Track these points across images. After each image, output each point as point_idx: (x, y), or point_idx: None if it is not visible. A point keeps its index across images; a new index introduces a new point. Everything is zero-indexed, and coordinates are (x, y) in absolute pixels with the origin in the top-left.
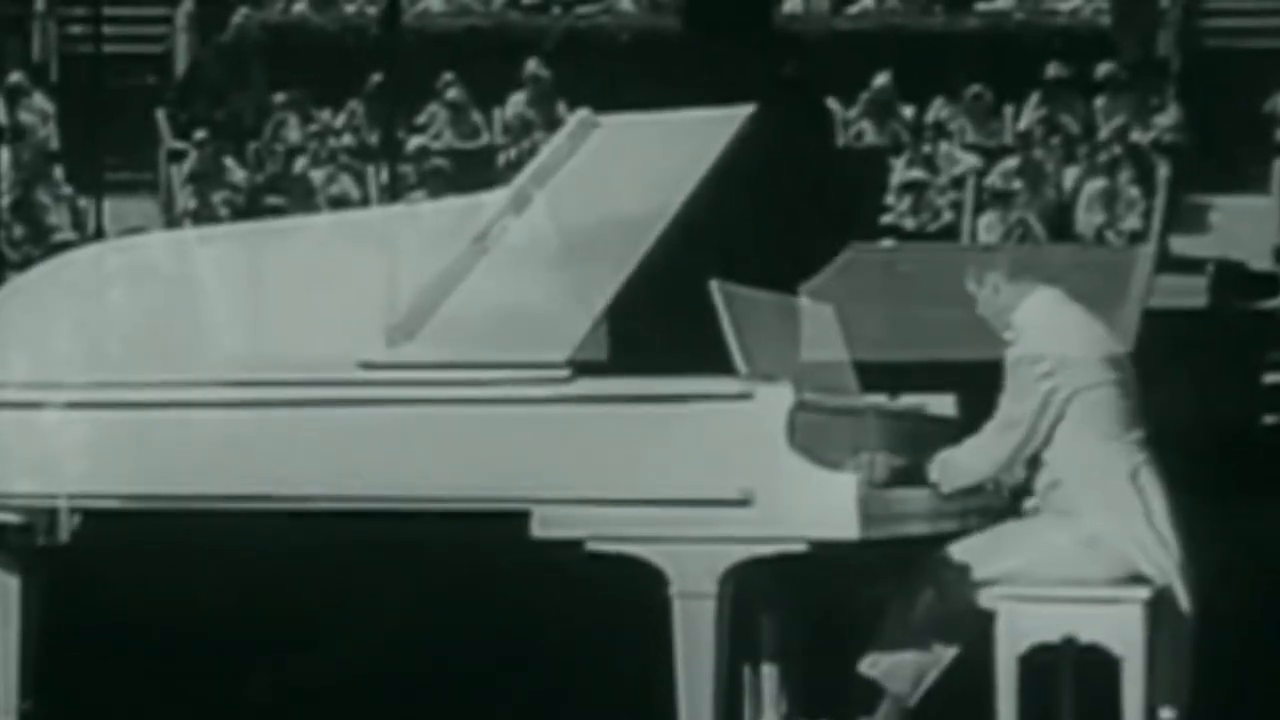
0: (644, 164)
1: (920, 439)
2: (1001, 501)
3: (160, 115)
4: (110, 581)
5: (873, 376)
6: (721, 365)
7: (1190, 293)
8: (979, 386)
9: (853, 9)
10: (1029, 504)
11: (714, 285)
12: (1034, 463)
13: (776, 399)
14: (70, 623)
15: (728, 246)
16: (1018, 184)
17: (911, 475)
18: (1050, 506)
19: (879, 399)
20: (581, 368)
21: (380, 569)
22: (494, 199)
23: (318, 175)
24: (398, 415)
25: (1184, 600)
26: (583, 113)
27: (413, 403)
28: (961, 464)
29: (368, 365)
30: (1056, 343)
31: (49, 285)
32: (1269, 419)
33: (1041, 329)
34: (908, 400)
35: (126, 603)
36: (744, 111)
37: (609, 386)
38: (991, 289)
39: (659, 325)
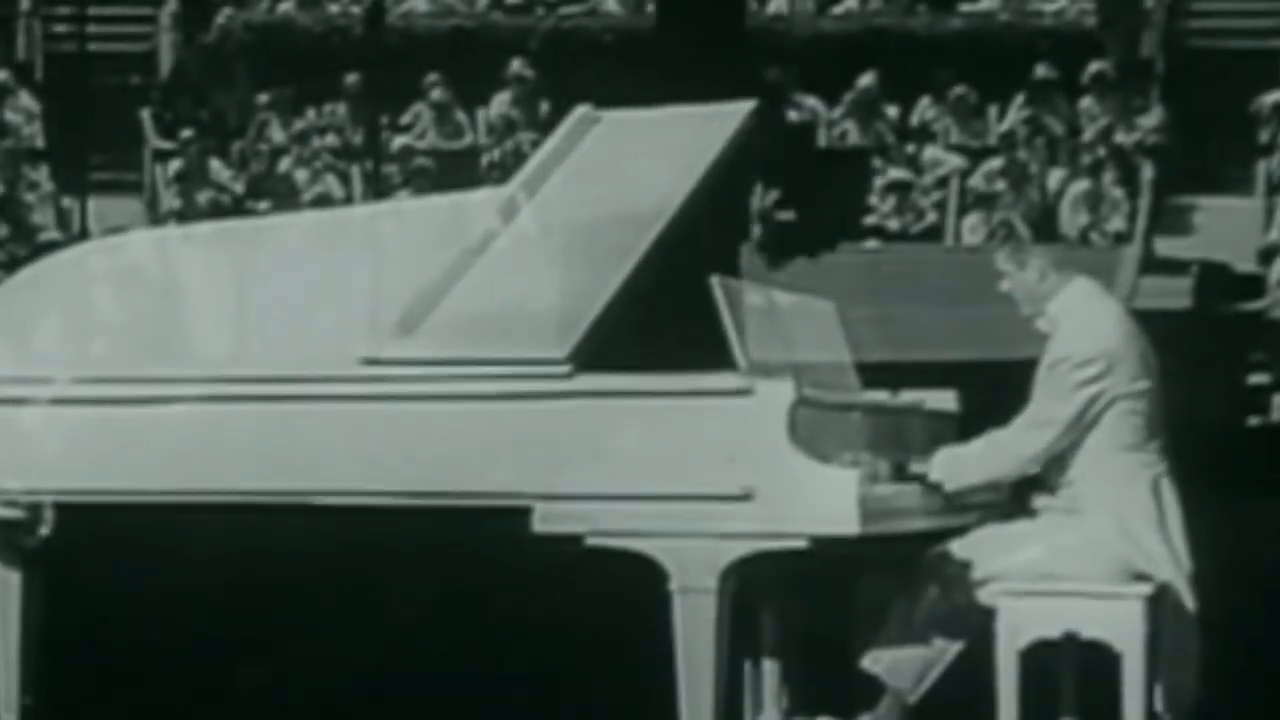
0: (645, 160)
1: (921, 435)
2: (1003, 498)
3: (145, 115)
4: (105, 578)
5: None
6: (722, 361)
7: (1175, 294)
8: (966, 386)
9: (837, 10)
10: (1039, 501)
11: (714, 281)
12: (1053, 458)
13: (777, 395)
14: (62, 619)
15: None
16: (1001, 185)
17: (913, 472)
18: (1061, 503)
19: (879, 395)
20: (582, 364)
21: (379, 566)
22: (483, 196)
23: (301, 175)
24: (398, 412)
25: (1189, 607)
26: (584, 108)
27: (413, 399)
28: (978, 461)
29: (369, 362)
30: (1097, 340)
31: (37, 286)
32: (1253, 420)
33: (1081, 324)
34: (908, 396)
35: (122, 599)
36: (746, 107)
37: (610, 383)
38: (1037, 273)
39: (660, 321)
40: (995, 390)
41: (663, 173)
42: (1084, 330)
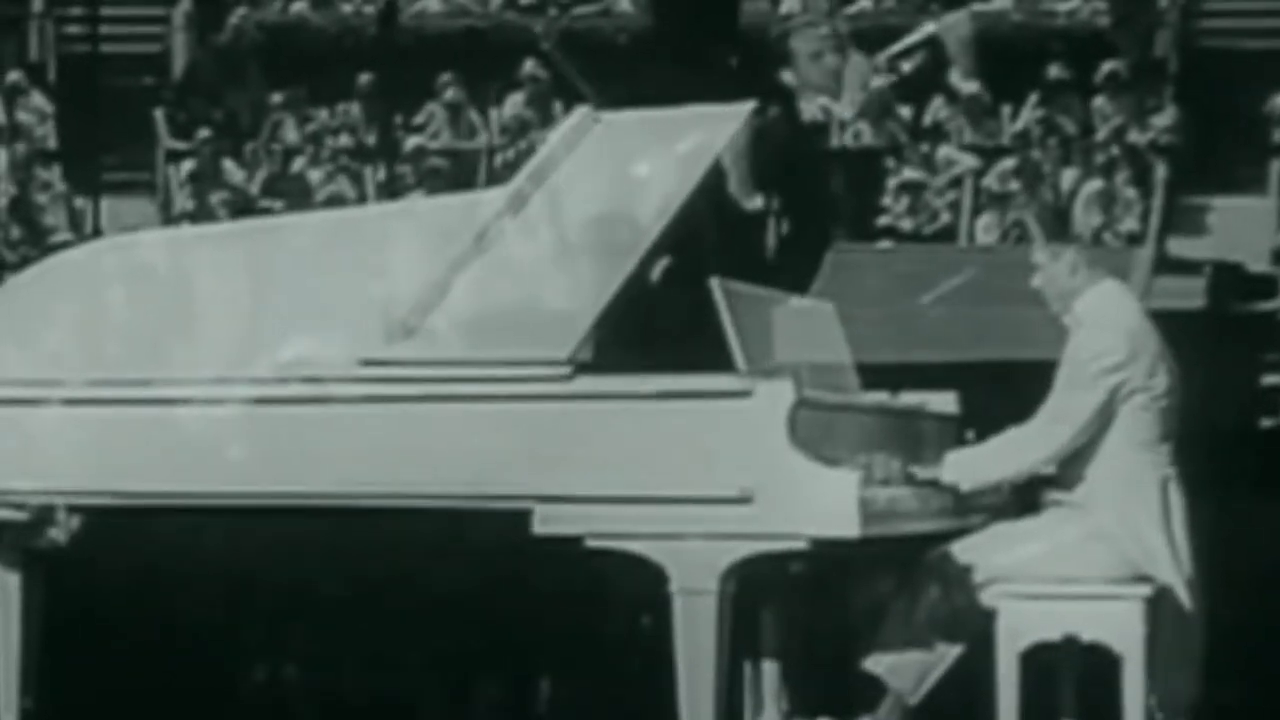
0: (645, 161)
1: (922, 437)
2: (1003, 499)
3: (158, 115)
4: (107, 579)
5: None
6: (722, 363)
7: (1188, 294)
8: (974, 387)
9: (850, 9)
10: (1051, 496)
11: (714, 282)
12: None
13: (777, 396)
14: (66, 620)
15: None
16: (1015, 185)
17: (922, 475)
18: (1070, 498)
19: (880, 396)
20: (582, 365)
21: (379, 566)
22: (493, 196)
23: (315, 175)
24: (399, 413)
25: (1190, 609)
26: (583, 109)
27: (414, 400)
28: (997, 458)
29: (369, 363)
30: (1118, 334)
31: (45, 284)
32: (1267, 421)
33: (1105, 321)
34: (909, 397)
35: (124, 600)
36: (745, 108)
37: (610, 384)
38: (1069, 267)
39: (660, 322)
40: (1003, 391)
41: (663, 174)
42: (1106, 325)
